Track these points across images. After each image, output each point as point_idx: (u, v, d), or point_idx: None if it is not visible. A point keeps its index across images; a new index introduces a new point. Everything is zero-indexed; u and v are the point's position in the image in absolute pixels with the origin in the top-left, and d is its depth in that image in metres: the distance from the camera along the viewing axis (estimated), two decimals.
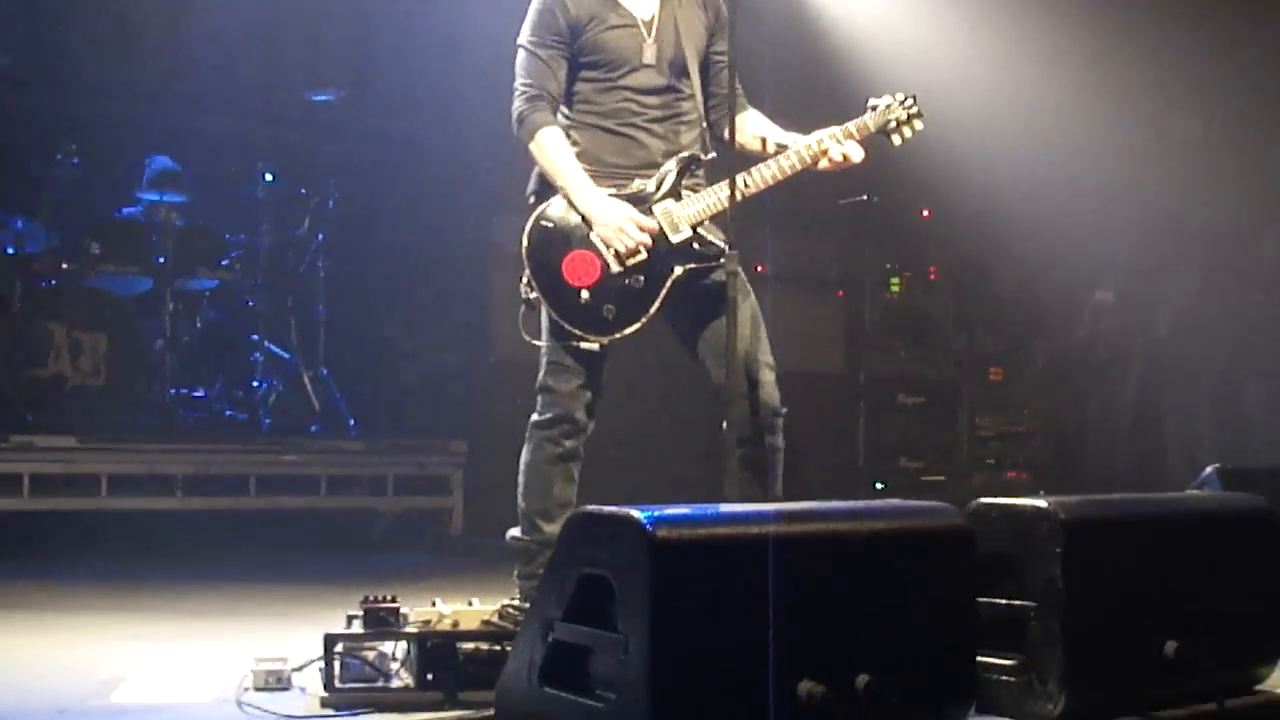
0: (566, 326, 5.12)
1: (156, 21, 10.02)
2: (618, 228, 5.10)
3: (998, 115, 10.46)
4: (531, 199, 5.29)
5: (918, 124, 5.41)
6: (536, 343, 5.26)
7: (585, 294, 5.11)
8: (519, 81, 5.29)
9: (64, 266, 8.75)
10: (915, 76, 5.59)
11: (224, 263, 9.32)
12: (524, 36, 5.32)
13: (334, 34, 10.57)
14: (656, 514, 3.48)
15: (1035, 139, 10.77)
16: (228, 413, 9.18)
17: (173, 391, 8.92)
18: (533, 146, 5.24)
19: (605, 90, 5.29)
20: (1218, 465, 5.42)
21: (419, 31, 10.31)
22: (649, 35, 5.30)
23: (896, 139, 5.40)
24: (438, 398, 9.64)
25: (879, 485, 10.54)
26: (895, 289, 11.22)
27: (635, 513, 3.49)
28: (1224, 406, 9.17)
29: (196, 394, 9.12)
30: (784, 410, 5.24)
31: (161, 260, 9.00)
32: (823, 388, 10.58)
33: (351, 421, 9.31)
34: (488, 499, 8.68)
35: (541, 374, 5.27)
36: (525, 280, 5.19)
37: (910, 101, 5.41)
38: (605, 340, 5.14)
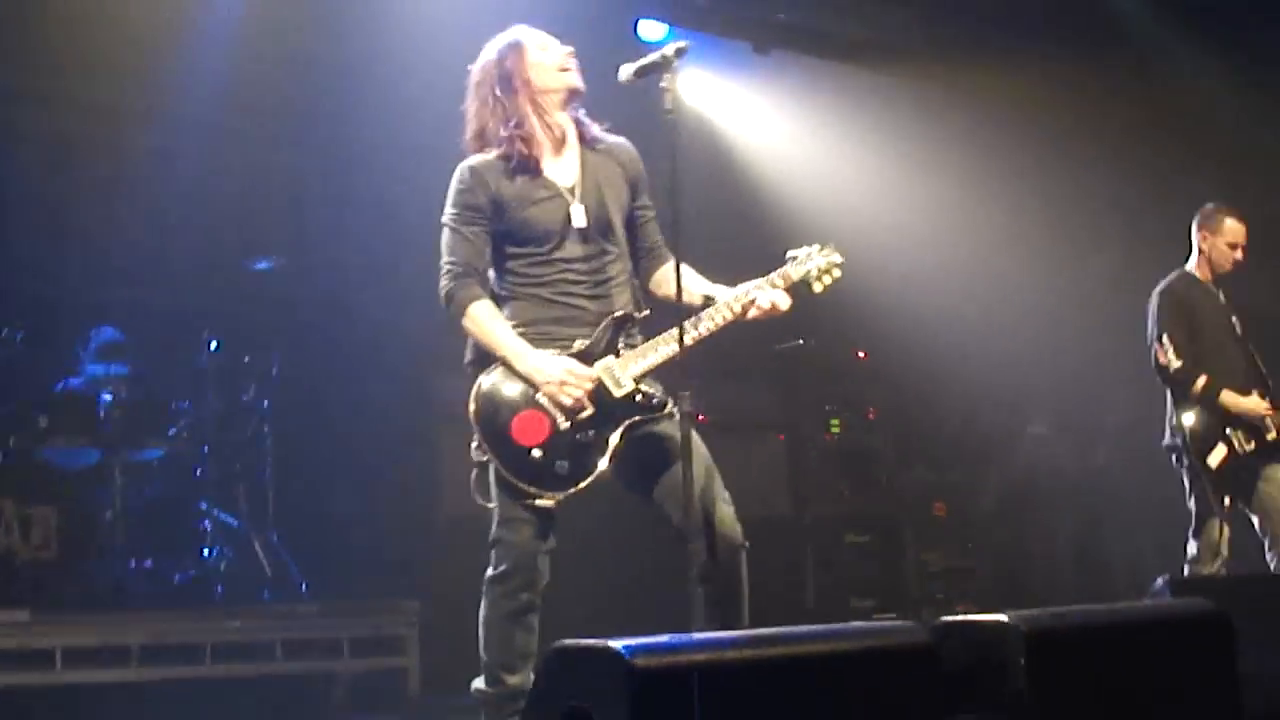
0: (521, 485, 5.19)
1: (90, 199, 10.13)
2: (560, 382, 5.19)
3: (925, 254, 10.69)
4: (470, 368, 5.39)
5: (836, 272, 5.57)
6: (489, 505, 5.32)
7: (537, 452, 5.19)
8: (444, 260, 5.40)
9: (11, 441, 8.74)
10: (842, 220, 5.76)
11: (171, 432, 9.35)
12: (446, 214, 5.45)
13: (269, 202, 10.71)
14: (633, 644, 3.56)
15: (962, 276, 11.01)
16: (180, 581, 9.15)
17: (124, 563, 8.89)
18: (465, 322, 5.34)
19: (537, 264, 5.39)
20: (1168, 576, 5.53)
21: (352, 197, 10.47)
22: (574, 199, 5.42)
23: (818, 287, 5.55)
24: (389, 558, 9.64)
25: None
26: (835, 430, 11.37)
27: (612, 643, 3.56)
28: (1166, 525, 9.27)
29: (148, 564, 9.08)
30: (746, 544, 5.32)
31: (108, 431, 9.00)
32: (769, 531, 10.62)
33: (304, 586, 9.30)
34: (444, 657, 8.67)
35: (494, 528, 5.31)
36: (476, 444, 5.28)
37: (828, 250, 5.57)
38: (560, 496, 5.22)
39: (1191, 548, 8.16)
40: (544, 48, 5.52)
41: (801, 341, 10.70)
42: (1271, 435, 8.12)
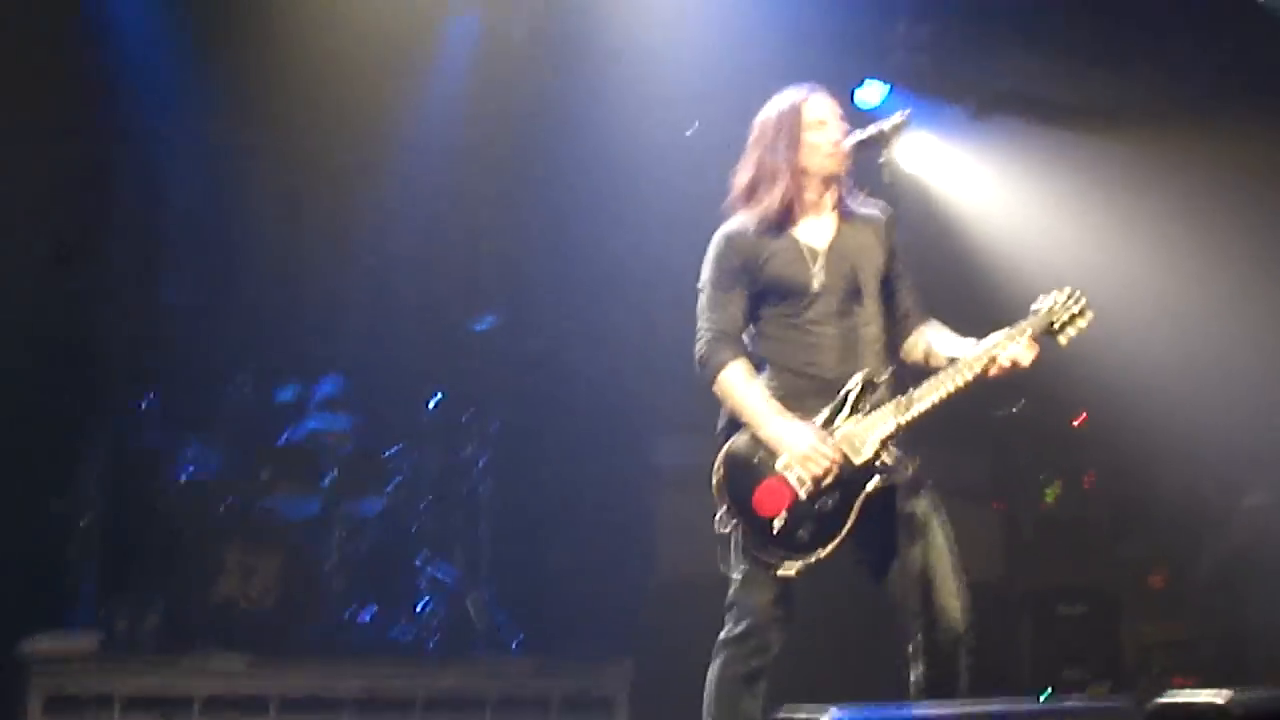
0: (764, 556, 5.19)
1: (319, 253, 10.38)
2: (804, 456, 5.17)
3: (1145, 319, 10.49)
4: (721, 437, 5.39)
5: (1084, 320, 5.43)
6: (733, 575, 5.32)
7: (779, 522, 5.18)
8: (701, 324, 5.45)
9: (237, 490, 8.97)
10: (1061, 284, 5.63)
11: (390, 486, 9.50)
12: (703, 278, 5.49)
13: (490, 260, 10.87)
14: (848, 713, 3.54)
15: (1183, 342, 10.78)
16: (394, 634, 9.28)
17: (341, 613, 9.04)
18: (716, 388, 5.37)
19: (789, 327, 5.40)
20: None
21: (570, 256, 10.57)
22: (820, 263, 5.42)
23: (1063, 339, 5.42)
24: (602, 617, 9.66)
25: (1043, 696, 10.39)
26: (1051, 497, 11.18)
27: (827, 714, 3.55)
28: None
29: (364, 616, 9.23)
30: (968, 635, 5.27)
31: (329, 483, 9.19)
32: (982, 600, 10.47)
33: (515, 642, 9.37)
34: (654, 719, 8.69)
35: (733, 590, 5.33)
36: (721, 515, 5.28)
37: (1075, 299, 5.44)
38: (801, 565, 5.19)
39: None
40: (821, 125, 5.50)
41: (1016, 409, 10.57)
42: None
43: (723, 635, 5.33)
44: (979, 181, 10.99)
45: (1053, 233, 10.59)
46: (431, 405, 9.68)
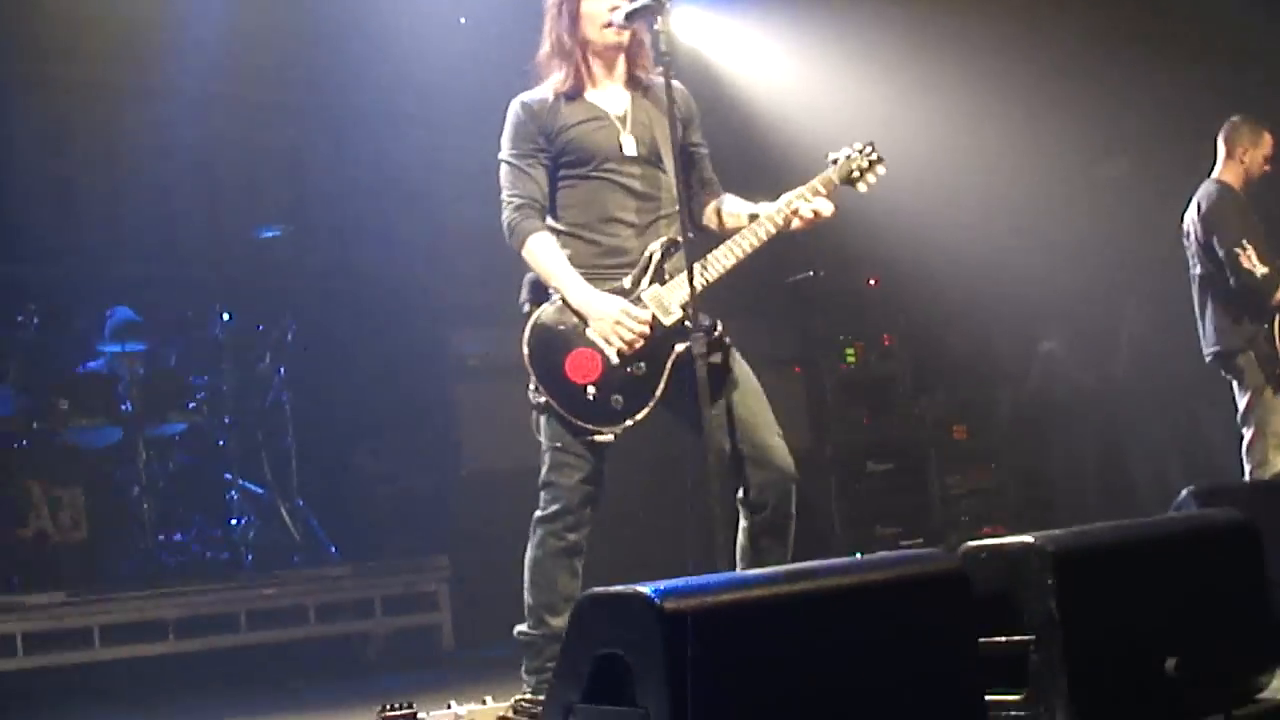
0: (579, 423, 5.22)
1: (94, 179, 10.12)
2: (614, 322, 5.20)
3: (931, 176, 10.63)
4: (525, 307, 5.40)
5: (880, 169, 5.55)
6: (544, 452, 5.34)
7: (592, 389, 5.21)
8: (505, 194, 5.43)
9: (34, 425, 8.78)
10: (842, 144, 5.70)
11: (190, 405, 9.40)
12: (504, 150, 5.49)
13: (270, 170, 10.70)
14: (663, 587, 3.57)
15: (969, 195, 10.95)
16: (210, 553, 9.21)
17: (154, 537, 8.94)
18: (525, 254, 5.36)
19: (585, 188, 5.42)
20: (1192, 487, 5.51)
21: (352, 160, 10.46)
22: (624, 128, 5.46)
23: (862, 186, 5.53)
24: (415, 515, 9.69)
25: (857, 555, 10.61)
26: (851, 359, 11.35)
27: (641, 588, 3.58)
28: (1188, 433, 9.30)
29: (177, 538, 9.15)
30: (797, 477, 5.35)
31: (129, 409, 9.05)
32: None
33: (333, 548, 9.35)
34: (476, 611, 8.74)
35: (545, 470, 5.36)
36: (533, 386, 5.29)
37: (869, 148, 5.56)
38: (619, 430, 5.25)
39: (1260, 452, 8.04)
40: None
41: (813, 273, 10.67)
42: None
43: (538, 513, 5.35)
44: (756, 48, 11.01)
45: (834, 94, 10.67)
46: (224, 320, 9.53)
